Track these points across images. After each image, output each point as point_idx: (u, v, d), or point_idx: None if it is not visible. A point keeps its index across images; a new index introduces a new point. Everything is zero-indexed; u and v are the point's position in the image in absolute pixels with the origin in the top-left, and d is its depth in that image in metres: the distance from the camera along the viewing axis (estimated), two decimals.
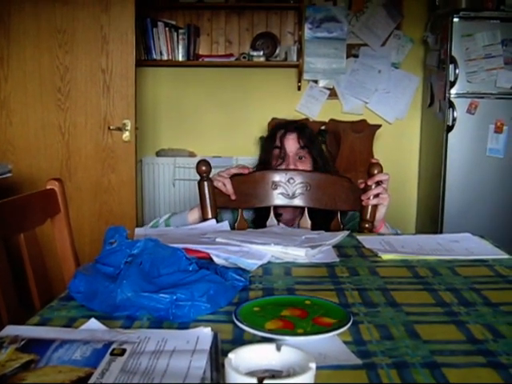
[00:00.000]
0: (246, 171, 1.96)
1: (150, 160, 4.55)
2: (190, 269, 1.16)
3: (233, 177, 1.92)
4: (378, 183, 1.85)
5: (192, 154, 4.58)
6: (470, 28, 3.97)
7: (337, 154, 4.28)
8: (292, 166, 2.00)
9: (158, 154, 4.59)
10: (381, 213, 1.88)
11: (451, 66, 3.99)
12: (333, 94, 4.61)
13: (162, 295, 1.02)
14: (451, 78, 4.00)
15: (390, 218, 1.97)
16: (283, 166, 2.02)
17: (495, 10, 4.03)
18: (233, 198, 1.91)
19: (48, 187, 1.60)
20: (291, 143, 2.06)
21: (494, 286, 1.28)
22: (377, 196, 1.85)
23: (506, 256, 1.53)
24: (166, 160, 4.51)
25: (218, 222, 1.83)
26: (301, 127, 2.12)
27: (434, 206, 4.28)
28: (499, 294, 1.22)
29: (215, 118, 4.61)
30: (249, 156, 4.47)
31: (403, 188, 4.68)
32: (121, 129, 3.43)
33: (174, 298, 1.02)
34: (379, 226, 1.90)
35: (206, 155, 4.44)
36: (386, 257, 1.48)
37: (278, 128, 2.13)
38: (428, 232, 4.29)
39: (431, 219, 4.36)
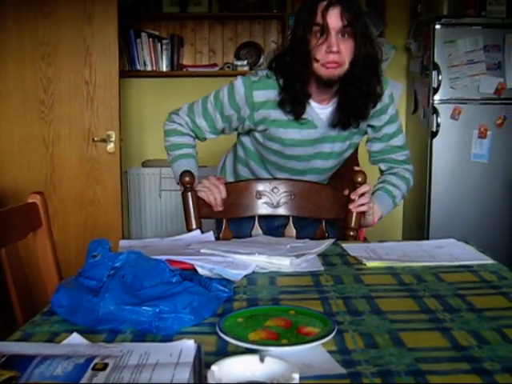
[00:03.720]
0: (222, 181, 1.94)
1: (136, 171, 4.54)
2: (174, 281, 1.15)
3: None
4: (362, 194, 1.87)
5: None
6: (452, 34, 4.00)
7: None
8: (335, 48, 1.72)
9: (144, 164, 4.58)
10: (368, 220, 1.92)
11: (434, 73, 4.01)
12: None
13: (144, 308, 1.02)
14: (434, 85, 4.02)
15: (377, 225, 1.98)
16: (324, 46, 1.74)
17: (477, 17, 4.06)
18: (220, 209, 1.90)
19: (30, 201, 1.59)
20: (334, 19, 1.74)
21: (479, 292, 1.28)
22: (363, 205, 1.87)
23: (490, 261, 1.53)
24: (152, 170, 4.49)
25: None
26: None
27: (420, 212, 4.29)
28: (484, 300, 1.23)
29: None
30: None
31: None
32: (105, 140, 3.42)
33: (157, 310, 1.01)
34: (372, 223, 1.95)
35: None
36: (370, 264, 1.48)
37: None
38: (415, 238, 4.30)
39: (418, 225, 4.37)
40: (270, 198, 1.95)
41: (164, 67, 4.43)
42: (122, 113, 3.70)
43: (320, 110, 1.90)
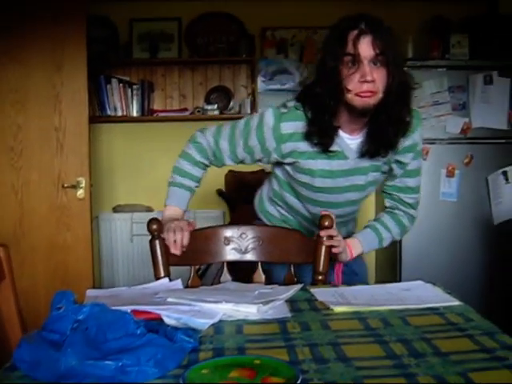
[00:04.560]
0: (191, 227, 1.92)
1: (107, 216, 4.51)
2: (138, 332, 1.14)
3: None
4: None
5: (149, 209, 4.56)
6: (418, 76, 4.04)
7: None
8: (369, 77, 1.67)
9: (115, 209, 4.56)
10: (342, 257, 1.96)
11: None
12: None
13: (107, 362, 1.00)
14: None
15: None
16: (357, 76, 1.69)
17: (441, 59, 4.16)
18: (176, 253, 1.86)
19: None
20: (366, 48, 1.69)
21: (445, 335, 1.29)
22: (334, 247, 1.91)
23: (456, 302, 1.54)
24: (123, 216, 4.47)
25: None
26: (376, 26, 1.73)
27: (392, 252, 4.31)
28: (449, 343, 1.23)
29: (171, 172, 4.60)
30: (207, 209, 4.49)
31: None
32: (75, 186, 3.40)
33: (120, 364, 1.00)
34: (349, 259, 1.99)
35: (163, 210, 4.41)
36: (338, 309, 1.48)
37: (348, 26, 1.73)
38: (387, 278, 4.32)
39: (390, 266, 4.39)
40: (239, 244, 1.95)
41: (134, 112, 4.46)
42: (93, 158, 3.69)
43: (350, 140, 1.88)
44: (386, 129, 1.81)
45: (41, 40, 3.32)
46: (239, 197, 4.11)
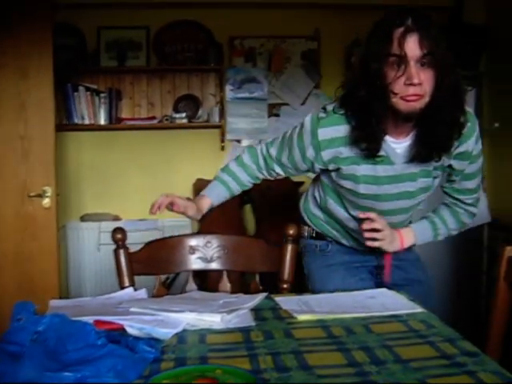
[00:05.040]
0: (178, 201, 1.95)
1: (74, 225, 4.46)
2: (99, 343, 1.13)
3: (150, 243, 1.90)
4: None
5: (117, 218, 4.52)
6: None
7: (263, 213, 4.31)
8: (416, 80, 1.55)
9: (82, 218, 4.51)
10: (391, 247, 1.87)
11: None
12: None
13: (66, 374, 1.00)
14: None
15: None
16: (403, 78, 1.57)
17: None
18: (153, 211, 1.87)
19: None
20: (413, 47, 1.55)
21: (406, 342, 1.30)
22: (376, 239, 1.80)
23: (419, 310, 1.56)
24: (91, 225, 4.42)
25: None
26: (424, 22, 1.58)
27: None
28: (410, 350, 1.25)
29: (140, 180, 4.58)
30: (175, 218, 4.44)
31: None
32: (41, 195, 3.36)
33: (79, 375, 0.99)
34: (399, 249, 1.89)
35: (131, 218, 4.39)
36: (301, 318, 1.48)
37: (393, 23, 1.58)
38: None
39: None
40: (204, 253, 1.95)
41: (102, 120, 4.41)
42: (60, 167, 3.66)
43: (396, 144, 1.75)
44: (437, 131, 1.67)
45: (6, 47, 3.28)
46: None
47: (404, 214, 1.91)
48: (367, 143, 1.70)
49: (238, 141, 4.67)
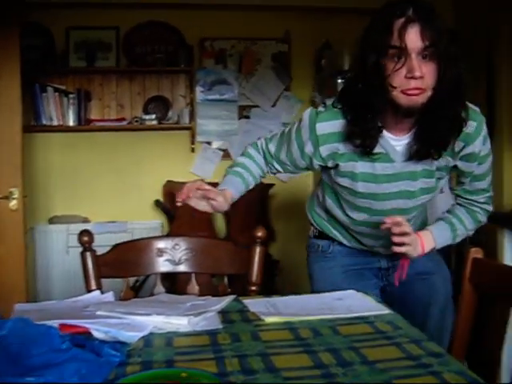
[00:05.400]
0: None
1: (42, 228, 4.41)
2: (64, 347, 1.12)
3: (117, 245, 1.88)
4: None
5: (86, 220, 4.48)
6: None
7: (233, 214, 4.30)
8: (418, 73, 1.48)
9: (51, 221, 4.46)
10: (415, 252, 1.75)
11: None
12: (226, 155, 4.66)
13: (28, 379, 0.98)
14: None
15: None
16: (403, 71, 1.51)
17: None
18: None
19: None
20: (414, 39, 1.48)
21: (373, 343, 1.31)
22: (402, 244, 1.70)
23: (386, 311, 1.57)
24: (59, 227, 4.38)
25: None
26: (426, 12, 1.51)
27: None
28: (377, 351, 1.25)
29: (109, 182, 4.55)
30: (144, 220, 4.44)
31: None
32: (8, 197, 3.32)
33: (42, 380, 0.98)
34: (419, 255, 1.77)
35: (100, 220, 4.36)
36: (269, 320, 1.48)
37: (393, 14, 1.51)
38: None
39: None
40: (172, 255, 1.94)
41: (71, 122, 4.37)
42: (27, 168, 3.62)
43: (396, 141, 1.69)
44: (438, 126, 1.60)
45: None
46: (177, 207, 4.09)
47: (404, 215, 1.76)
48: (361, 139, 1.65)
49: (209, 143, 4.67)
